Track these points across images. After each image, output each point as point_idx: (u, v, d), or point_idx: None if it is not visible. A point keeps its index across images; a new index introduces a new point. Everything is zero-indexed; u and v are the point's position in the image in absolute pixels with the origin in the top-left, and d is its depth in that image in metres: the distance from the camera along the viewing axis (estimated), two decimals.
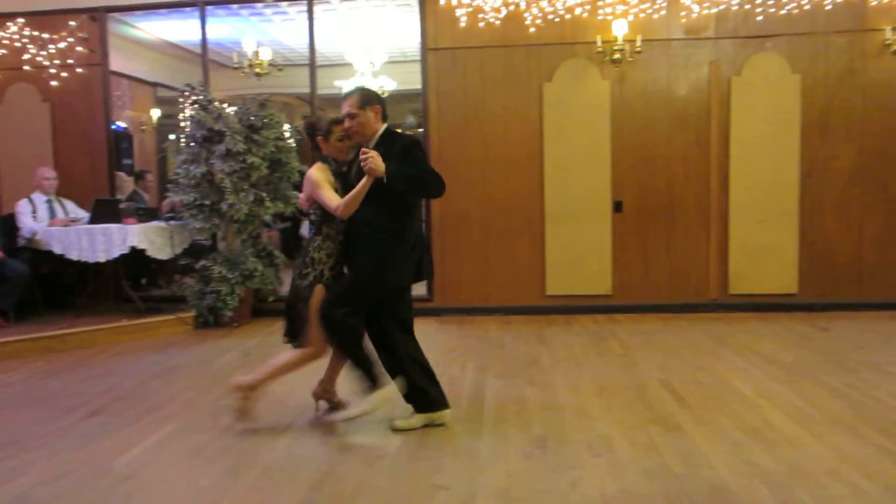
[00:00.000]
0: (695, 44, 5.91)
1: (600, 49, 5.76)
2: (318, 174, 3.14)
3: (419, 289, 6.69)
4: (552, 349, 4.83)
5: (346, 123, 3.14)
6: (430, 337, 5.36)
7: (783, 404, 3.46)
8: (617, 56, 5.76)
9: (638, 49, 5.72)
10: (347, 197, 3.02)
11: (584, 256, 6.05)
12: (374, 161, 2.92)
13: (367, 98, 3.16)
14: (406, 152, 3.07)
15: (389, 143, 3.10)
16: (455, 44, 6.06)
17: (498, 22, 5.94)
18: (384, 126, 3.22)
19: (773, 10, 5.77)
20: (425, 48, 6.09)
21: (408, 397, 3.26)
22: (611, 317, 5.92)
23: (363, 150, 2.96)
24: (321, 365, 3.37)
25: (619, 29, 5.73)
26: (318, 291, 3.14)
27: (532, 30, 5.93)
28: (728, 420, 3.24)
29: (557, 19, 5.90)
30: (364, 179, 2.96)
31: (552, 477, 2.65)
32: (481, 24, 5.96)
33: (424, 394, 3.27)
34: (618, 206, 6.03)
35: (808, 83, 5.82)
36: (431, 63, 6.10)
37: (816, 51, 5.82)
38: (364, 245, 3.14)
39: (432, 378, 3.33)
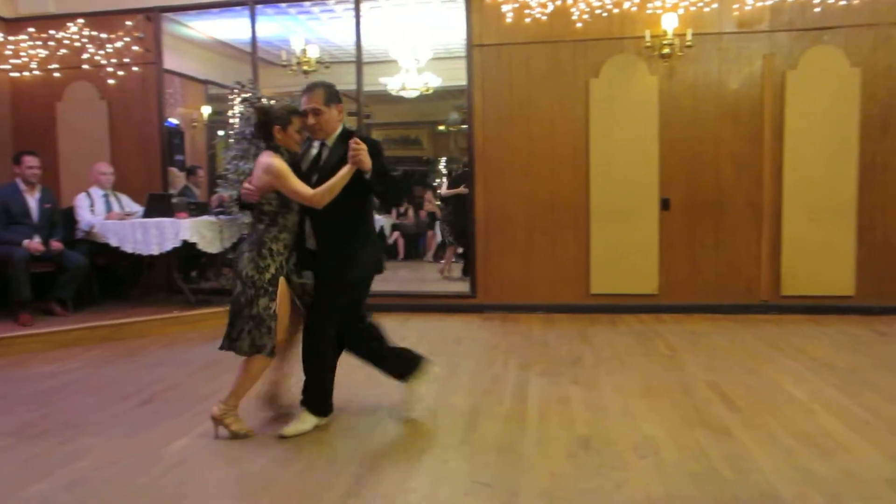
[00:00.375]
0: (748, 37, 5.75)
1: (649, 44, 5.65)
2: (281, 164, 3.02)
3: (462, 286, 6.73)
4: (596, 348, 4.78)
5: (311, 119, 3.12)
6: (473, 333, 5.38)
7: (838, 410, 3.34)
8: (666, 51, 5.64)
9: (688, 43, 5.59)
10: (326, 186, 2.98)
11: (629, 255, 5.96)
12: (364, 154, 2.95)
13: (331, 95, 3.17)
14: (374, 154, 3.04)
15: (347, 142, 3.04)
16: (501, 40, 6.02)
17: (544, 17, 5.88)
18: (342, 125, 3.24)
19: (831, 0, 5.57)
20: (471, 44, 6.08)
21: (313, 397, 3.22)
22: (657, 317, 5.82)
23: (355, 140, 2.96)
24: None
25: (669, 23, 5.61)
26: (283, 284, 3.11)
27: (579, 25, 5.85)
28: (780, 425, 3.15)
29: (605, 14, 5.81)
30: (345, 170, 2.98)
31: (596, 478, 2.62)
32: (527, 20, 5.91)
33: (326, 396, 3.25)
34: (665, 204, 5.91)
35: (869, 76, 5.60)
36: (477, 59, 6.08)
37: (877, 43, 5.59)
38: (336, 237, 3.14)
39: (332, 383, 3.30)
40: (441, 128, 12.82)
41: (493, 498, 2.47)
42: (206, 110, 9.41)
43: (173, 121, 7.95)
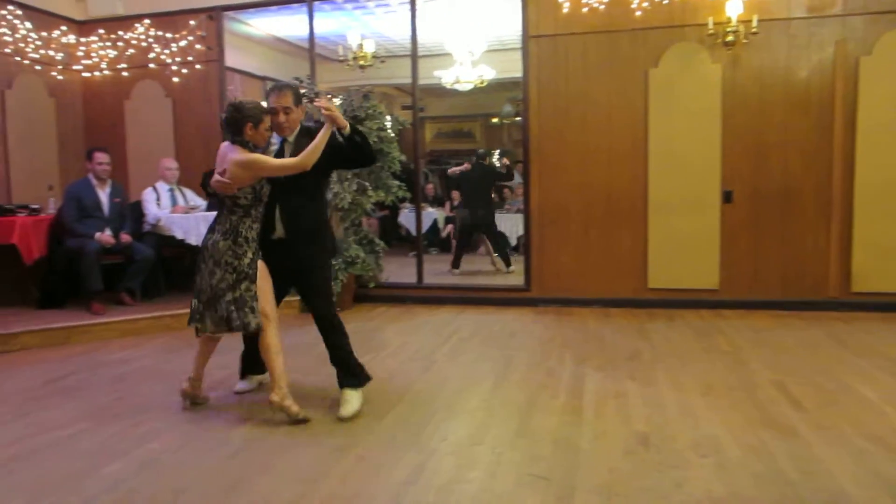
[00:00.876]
0: (819, 22, 5.50)
1: (712, 31, 5.48)
2: (254, 154, 3.19)
3: (515, 279, 6.70)
4: (654, 344, 4.69)
5: (282, 117, 3.30)
6: (527, 327, 5.35)
7: None
8: (730, 38, 5.46)
9: (754, 30, 5.39)
10: (309, 148, 3.13)
11: (689, 248, 5.82)
12: (336, 111, 3.15)
13: (298, 96, 3.39)
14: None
15: (308, 135, 3.27)
16: (557, 30, 5.95)
17: (602, 7, 5.77)
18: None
19: None
20: (527, 36, 6.02)
21: (351, 371, 3.46)
22: (717, 312, 5.66)
23: (325, 101, 3.18)
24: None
25: (734, 9, 5.42)
26: (262, 267, 3.30)
27: (638, 13, 5.72)
28: (850, 426, 3.03)
29: (666, 1, 5.66)
30: (325, 129, 3.16)
31: (655, 475, 2.58)
32: (584, 10, 5.81)
33: (360, 365, 3.52)
34: (727, 197, 5.74)
35: None
36: (533, 51, 6.02)
37: None
38: (306, 215, 3.36)
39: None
40: (494, 120, 12.77)
41: (550, 491, 2.46)
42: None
43: None
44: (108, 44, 6.86)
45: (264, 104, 3.30)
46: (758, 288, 5.75)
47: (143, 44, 6.77)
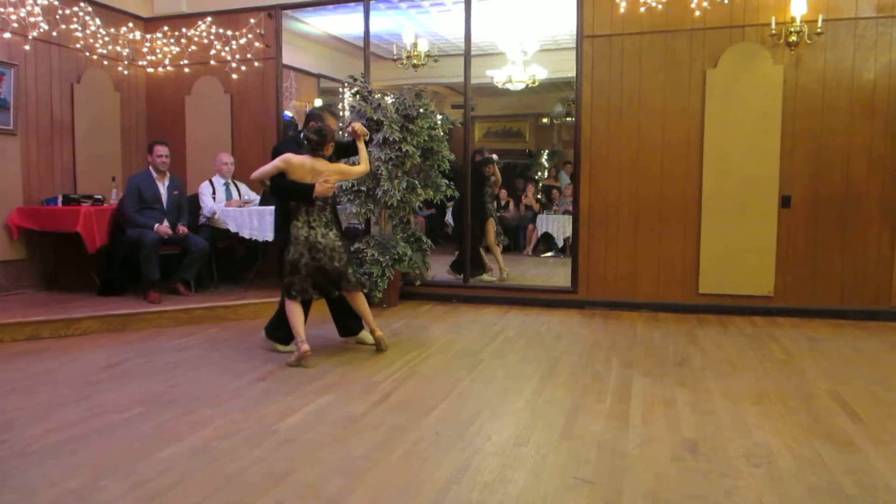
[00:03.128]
0: (888, 22, 5.29)
1: (774, 31, 5.32)
2: (339, 164, 4.36)
3: (562, 280, 6.60)
4: (705, 350, 4.58)
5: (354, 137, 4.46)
6: (573, 329, 5.30)
7: None
8: (793, 38, 5.29)
9: (818, 30, 5.21)
10: (364, 157, 4.36)
11: (743, 253, 5.67)
12: (363, 130, 4.43)
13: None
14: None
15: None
16: (613, 30, 5.87)
17: (660, 6, 5.67)
18: None
19: None
20: (581, 35, 5.96)
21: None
22: (772, 320, 5.50)
23: (356, 125, 4.42)
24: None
25: (798, 8, 5.25)
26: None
27: (697, 13, 5.60)
28: None
29: (726, 1, 5.53)
30: (362, 144, 4.40)
31: (704, 484, 2.52)
32: (642, 9, 5.73)
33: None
34: (785, 201, 5.57)
35: None
36: (587, 51, 5.96)
37: None
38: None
39: None
40: (544, 120, 12.67)
41: (596, 495, 2.43)
42: (318, 103, 9.79)
43: (288, 113, 8.33)
44: (172, 40, 7.09)
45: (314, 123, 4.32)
46: (815, 296, 5.56)
47: (205, 41, 6.96)
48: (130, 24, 6.96)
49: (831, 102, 5.44)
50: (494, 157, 7.59)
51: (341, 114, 6.52)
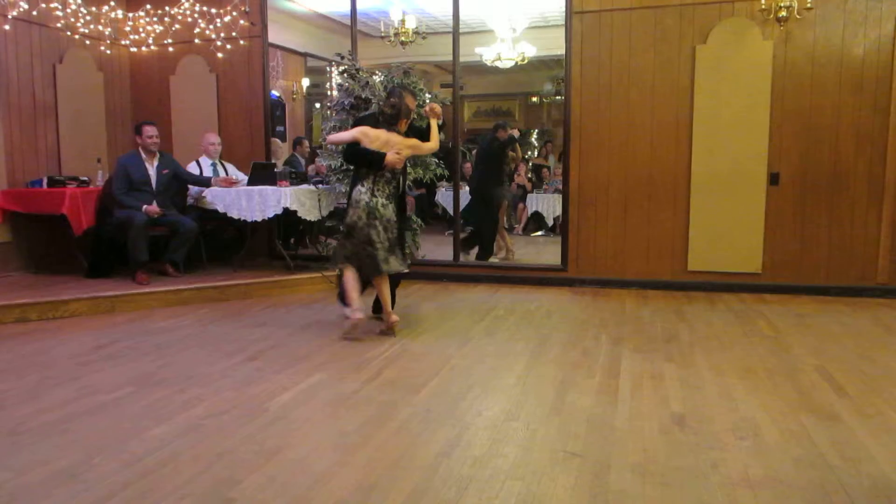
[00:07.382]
0: None
1: (764, 7, 5.30)
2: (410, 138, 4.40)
3: (552, 258, 6.62)
4: (693, 326, 4.62)
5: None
6: (563, 307, 5.33)
7: None
8: (783, 14, 5.27)
9: (808, 6, 5.20)
10: (434, 135, 4.42)
11: (731, 231, 5.70)
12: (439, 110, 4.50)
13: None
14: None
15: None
16: (602, 6, 5.83)
17: None
18: None
19: None
20: (570, 12, 5.92)
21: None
22: (759, 297, 5.55)
23: (435, 105, 4.51)
24: None
25: None
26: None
27: None
28: (895, 413, 2.95)
29: None
30: (434, 123, 4.44)
31: (691, 455, 2.56)
32: None
33: None
34: (774, 179, 5.59)
35: None
36: (576, 27, 5.92)
37: None
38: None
39: None
40: (534, 99, 12.62)
41: (585, 468, 2.46)
42: (305, 82, 9.70)
43: (274, 93, 8.25)
44: (155, 19, 6.95)
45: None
46: (803, 272, 5.61)
47: (189, 19, 6.84)
48: (112, 3, 6.81)
49: (820, 79, 5.45)
50: (517, 132, 7.56)
51: (328, 93, 6.47)
